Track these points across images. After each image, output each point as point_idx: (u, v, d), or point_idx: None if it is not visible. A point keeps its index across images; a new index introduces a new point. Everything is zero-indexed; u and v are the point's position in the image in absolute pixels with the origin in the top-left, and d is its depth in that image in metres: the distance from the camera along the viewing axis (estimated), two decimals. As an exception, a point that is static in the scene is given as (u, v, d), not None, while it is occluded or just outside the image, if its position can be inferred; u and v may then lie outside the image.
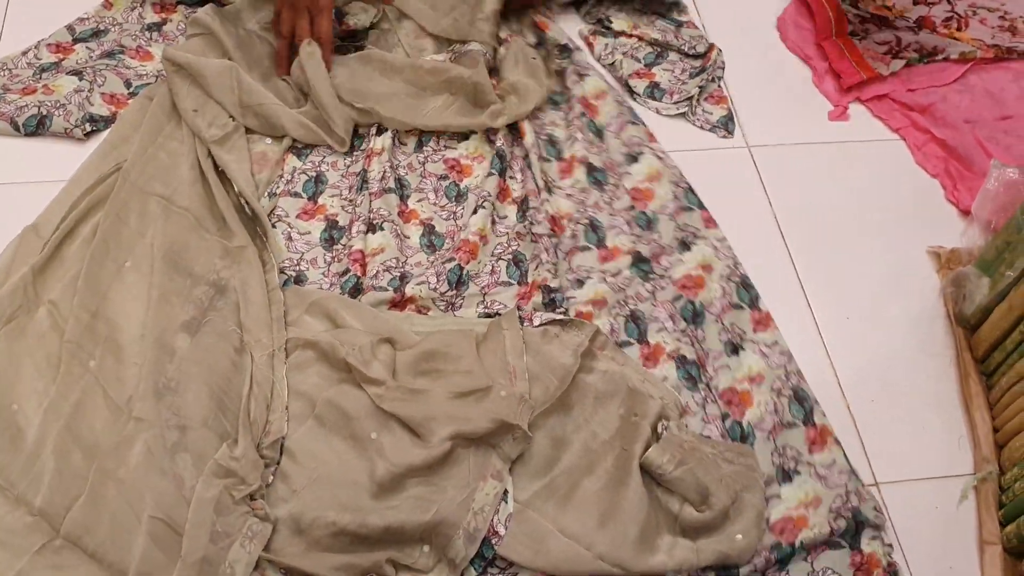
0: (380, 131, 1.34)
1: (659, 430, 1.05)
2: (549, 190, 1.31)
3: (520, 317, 1.14)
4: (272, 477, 1.01)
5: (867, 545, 1.04)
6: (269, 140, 1.32)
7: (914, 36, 1.60)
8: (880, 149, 1.46)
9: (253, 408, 1.02)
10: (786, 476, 1.06)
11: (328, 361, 1.08)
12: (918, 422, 1.17)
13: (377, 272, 1.18)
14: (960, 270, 1.23)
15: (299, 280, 1.19)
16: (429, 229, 1.26)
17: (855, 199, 1.38)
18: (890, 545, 1.05)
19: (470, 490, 0.99)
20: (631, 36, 1.54)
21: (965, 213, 1.36)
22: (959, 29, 1.64)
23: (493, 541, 0.99)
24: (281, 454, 1.02)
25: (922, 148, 1.46)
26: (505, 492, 1.02)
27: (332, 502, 0.98)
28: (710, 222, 1.30)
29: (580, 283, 1.21)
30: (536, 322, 1.14)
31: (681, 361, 1.15)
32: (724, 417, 1.11)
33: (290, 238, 1.24)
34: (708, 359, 1.16)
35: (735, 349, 1.16)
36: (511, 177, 1.32)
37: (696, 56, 1.52)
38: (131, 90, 1.37)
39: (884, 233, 1.35)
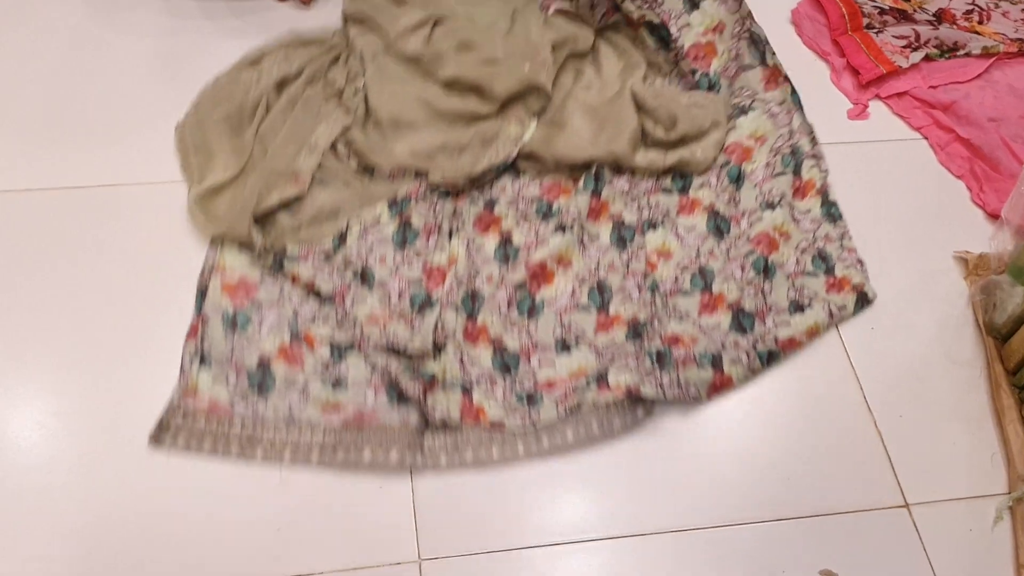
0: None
1: (646, 81, 1.36)
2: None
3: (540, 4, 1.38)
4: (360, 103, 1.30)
5: (807, 172, 1.28)
6: None
7: (934, 30, 1.54)
8: (901, 149, 1.40)
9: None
10: (742, 111, 1.33)
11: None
12: (948, 438, 1.11)
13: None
14: (991, 278, 1.18)
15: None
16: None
17: (876, 201, 1.33)
18: (827, 171, 1.29)
19: (499, 127, 1.26)
20: None
21: (993, 216, 1.31)
22: (980, 22, 1.58)
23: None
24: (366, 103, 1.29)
25: (945, 148, 1.40)
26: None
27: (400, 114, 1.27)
28: None
29: None
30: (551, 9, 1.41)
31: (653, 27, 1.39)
32: (693, 72, 1.36)
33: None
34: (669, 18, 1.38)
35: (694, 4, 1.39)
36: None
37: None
38: None
39: (907, 237, 1.29)
